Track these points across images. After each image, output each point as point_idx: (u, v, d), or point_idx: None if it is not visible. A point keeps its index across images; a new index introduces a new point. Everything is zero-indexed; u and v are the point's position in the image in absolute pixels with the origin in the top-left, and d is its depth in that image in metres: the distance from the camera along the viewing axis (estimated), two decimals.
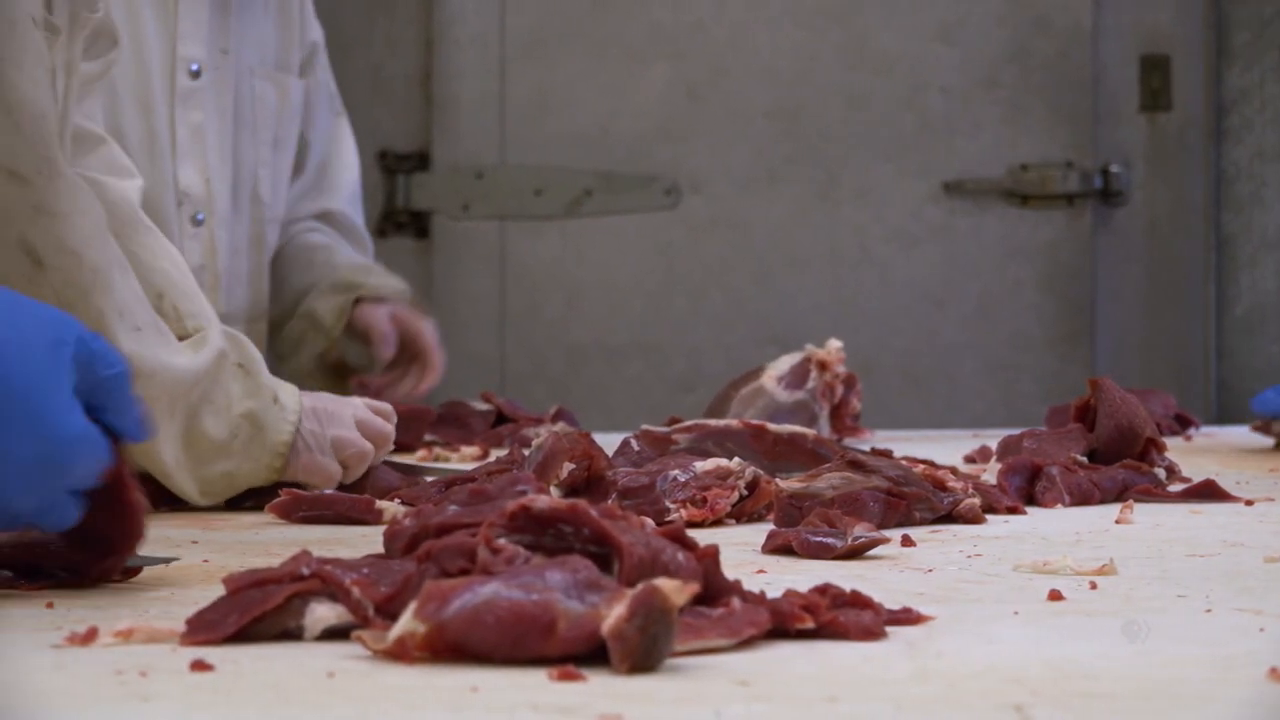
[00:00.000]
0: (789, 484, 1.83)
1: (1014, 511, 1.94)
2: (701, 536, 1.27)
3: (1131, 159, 4.29)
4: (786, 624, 1.19)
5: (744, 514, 1.89)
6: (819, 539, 1.61)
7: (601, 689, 1.04)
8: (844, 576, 1.38)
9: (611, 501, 1.81)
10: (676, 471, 1.88)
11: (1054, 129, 4.25)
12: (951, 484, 1.90)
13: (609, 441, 2.07)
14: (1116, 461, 2.13)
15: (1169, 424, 2.92)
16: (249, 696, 1.03)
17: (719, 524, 1.86)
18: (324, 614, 1.19)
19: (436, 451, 2.71)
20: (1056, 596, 1.36)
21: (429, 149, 4.41)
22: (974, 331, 4.27)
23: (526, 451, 1.96)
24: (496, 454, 2.57)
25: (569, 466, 1.86)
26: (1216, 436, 2.96)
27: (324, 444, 2.07)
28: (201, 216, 2.89)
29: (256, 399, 2.04)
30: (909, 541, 1.69)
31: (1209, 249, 4.29)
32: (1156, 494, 2.05)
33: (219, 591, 1.24)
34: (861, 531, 1.62)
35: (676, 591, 1.08)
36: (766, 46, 4.30)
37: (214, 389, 2.00)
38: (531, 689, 1.04)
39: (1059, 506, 2.00)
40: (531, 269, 4.36)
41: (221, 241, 2.94)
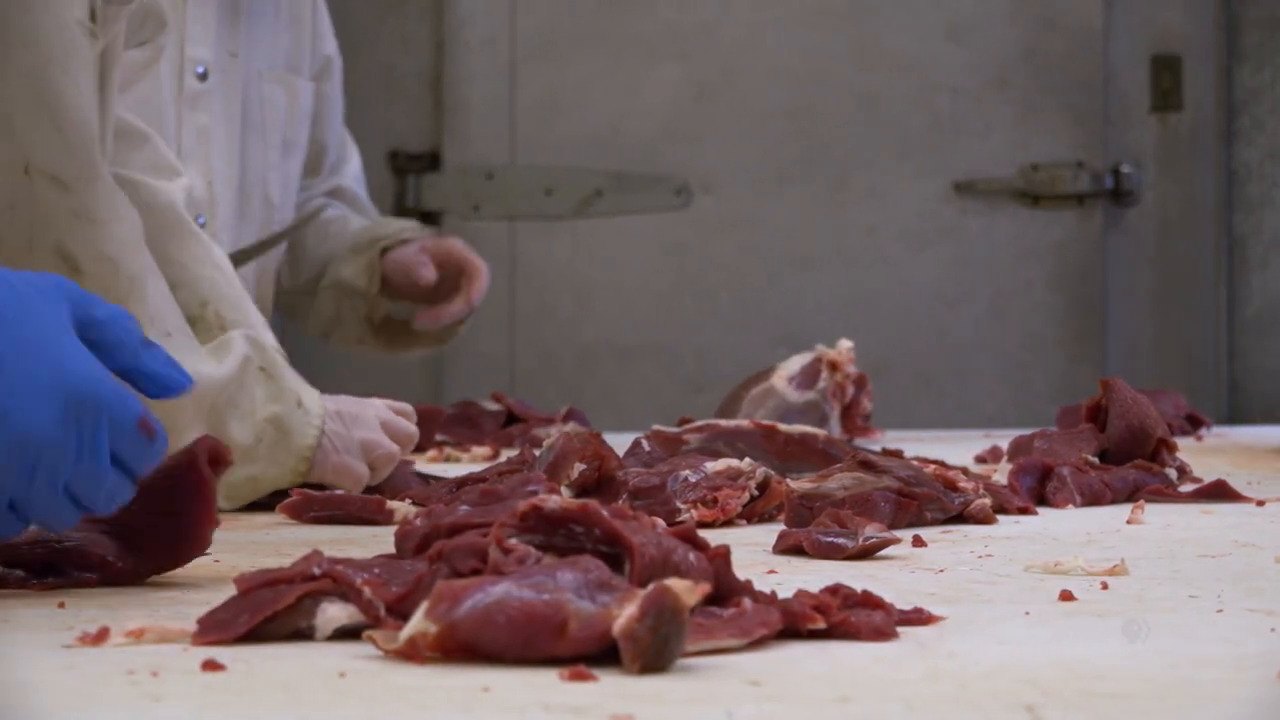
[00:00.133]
0: (800, 484, 1.83)
1: (1025, 512, 1.94)
2: (712, 537, 1.27)
3: (1142, 159, 4.28)
4: (798, 624, 1.19)
5: (755, 514, 1.89)
6: (830, 539, 1.61)
7: (613, 689, 1.04)
8: (855, 577, 1.38)
9: (622, 502, 1.81)
10: (687, 472, 1.88)
11: (1065, 129, 4.24)
12: (962, 484, 1.89)
13: (620, 442, 2.07)
14: (1128, 462, 2.13)
15: (1180, 424, 2.92)
16: (260, 696, 1.03)
17: (730, 524, 1.86)
18: (335, 614, 1.19)
19: (447, 451, 2.71)
20: (1068, 597, 1.36)
21: (440, 149, 4.41)
22: (985, 332, 4.26)
23: (537, 452, 1.96)
24: (507, 454, 2.57)
25: (580, 467, 1.85)
26: (1228, 437, 2.96)
27: (351, 445, 2.06)
28: (203, 220, 2.88)
29: (280, 403, 2.03)
30: (920, 542, 1.69)
31: (1220, 249, 4.28)
32: (1168, 494, 2.05)
33: (230, 591, 1.24)
34: (872, 532, 1.62)
35: (688, 592, 1.08)
36: (777, 47, 4.30)
37: (239, 394, 2.00)
38: (543, 689, 1.04)
39: (1070, 507, 2.00)
40: (542, 269, 4.36)
41: (223, 244, 2.93)
